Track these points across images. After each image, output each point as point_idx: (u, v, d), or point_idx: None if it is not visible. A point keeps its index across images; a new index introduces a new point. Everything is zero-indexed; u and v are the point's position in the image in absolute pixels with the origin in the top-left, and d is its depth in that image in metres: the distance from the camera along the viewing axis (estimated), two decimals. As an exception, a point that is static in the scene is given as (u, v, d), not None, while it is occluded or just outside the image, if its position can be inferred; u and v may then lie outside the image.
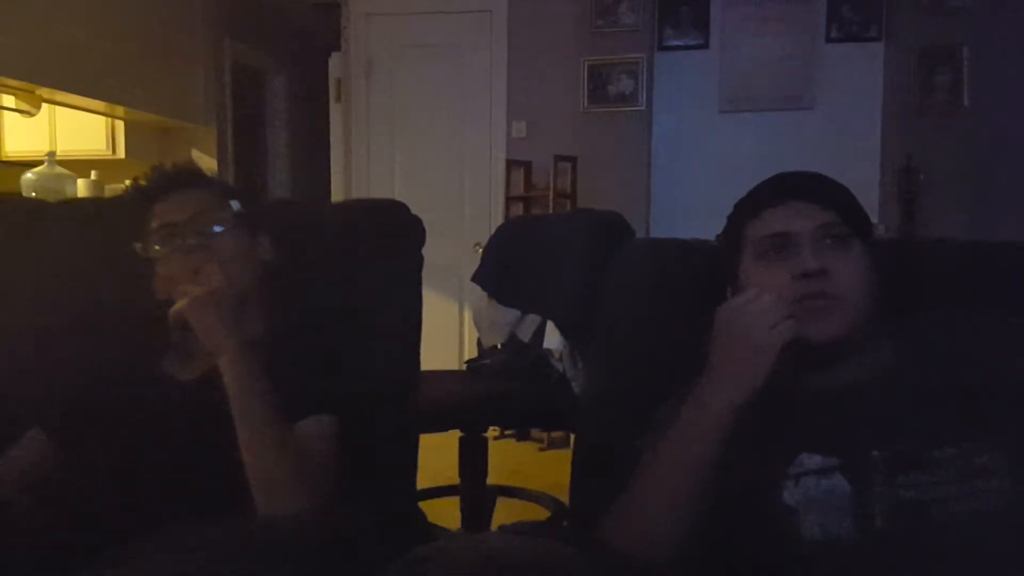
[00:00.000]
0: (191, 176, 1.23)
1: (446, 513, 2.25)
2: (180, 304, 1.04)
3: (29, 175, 3.73)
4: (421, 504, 1.41)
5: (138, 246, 1.15)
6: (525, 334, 2.43)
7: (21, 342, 1.32)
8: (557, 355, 2.32)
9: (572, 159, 4.17)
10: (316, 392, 1.11)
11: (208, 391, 1.07)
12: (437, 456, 1.80)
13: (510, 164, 4.30)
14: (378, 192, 4.49)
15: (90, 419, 1.12)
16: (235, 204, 1.18)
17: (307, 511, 0.98)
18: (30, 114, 3.75)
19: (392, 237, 1.37)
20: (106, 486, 1.05)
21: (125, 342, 1.22)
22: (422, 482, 1.39)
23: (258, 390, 1.02)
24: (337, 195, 4.62)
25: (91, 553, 0.80)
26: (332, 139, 4.69)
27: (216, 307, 1.04)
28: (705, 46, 4.34)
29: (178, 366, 1.16)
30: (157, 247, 1.14)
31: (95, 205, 1.73)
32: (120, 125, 4.28)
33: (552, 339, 2.32)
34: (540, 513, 2.61)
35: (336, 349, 1.19)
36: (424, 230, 1.39)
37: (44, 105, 3.83)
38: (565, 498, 1.29)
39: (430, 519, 1.38)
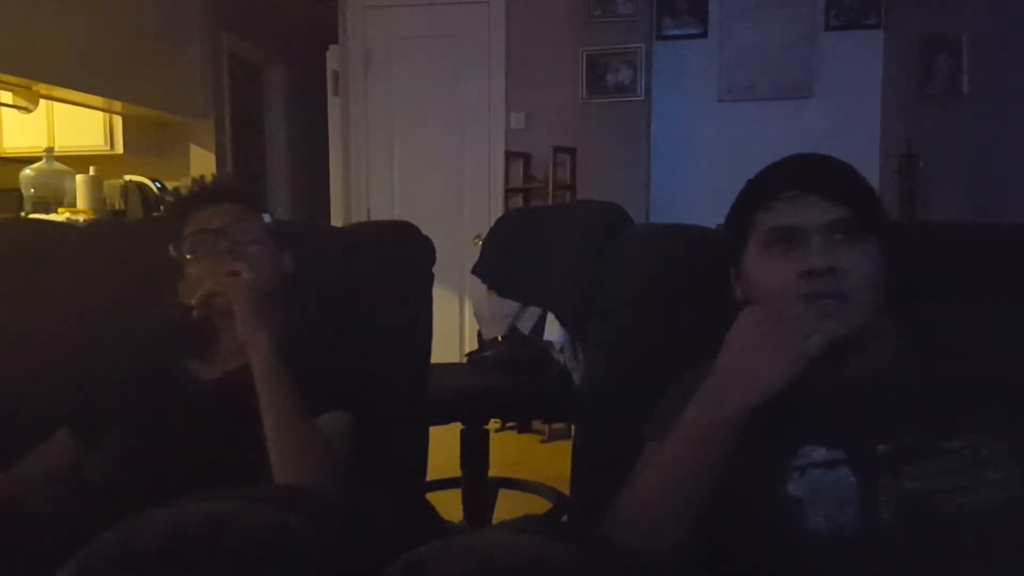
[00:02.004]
0: (228, 189, 1.31)
1: (448, 505, 2.25)
2: (208, 288, 1.13)
3: (28, 171, 3.72)
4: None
5: (171, 249, 1.22)
6: (526, 326, 2.43)
7: (50, 345, 1.39)
8: (558, 347, 2.32)
9: (571, 150, 4.17)
10: (331, 391, 1.16)
11: (229, 391, 1.14)
12: (439, 449, 1.79)
13: (509, 156, 4.30)
14: (376, 185, 4.49)
15: (115, 419, 1.17)
16: (267, 217, 1.29)
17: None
18: (28, 110, 3.74)
19: (403, 256, 1.44)
20: (130, 485, 1.08)
21: (150, 346, 1.29)
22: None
23: (284, 379, 1.08)
24: (336, 189, 4.62)
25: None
26: (330, 132, 4.68)
27: (250, 300, 1.11)
28: (704, 35, 4.34)
29: (202, 366, 1.24)
30: (189, 253, 1.21)
31: (120, 224, 1.78)
32: (118, 120, 4.27)
33: (553, 331, 2.32)
34: (542, 505, 2.62)
35: (349, 354, 1.25)
36: (434, 249, 1.46)
37: (42, 101, 3.82)
38: (566, 489, 1.30)
39: (432, 511, 1.39)
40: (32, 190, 3.72)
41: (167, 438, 1.12)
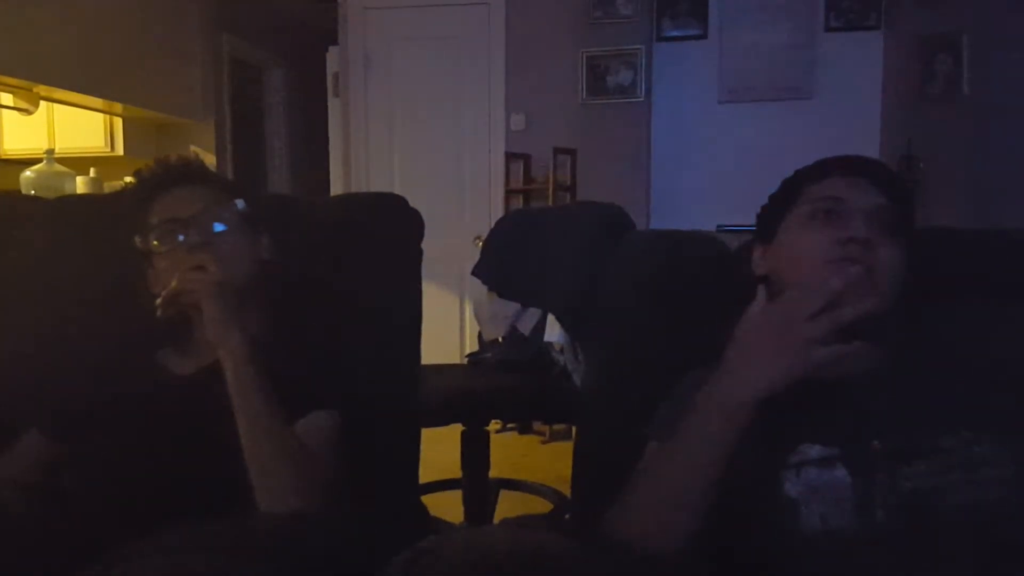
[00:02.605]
0: (195, 171, 1.21)
1: (449, 507, 2.25)
2: (173, 287, 1.04)
3: (28, 173, 3.73)
4: (424, 498, 1.41)
5: (137, 240, 1.13)
6: (526, 327, 2.43)
7: (16, 342, 1.31)
8: (558, 348, 2.32)
9: (571, 151, 4.17)
10: (316, 388, 1.10)
11: (205, 385, 1.06)
12: (439, 450, 1.80)
13: (509, 157, 4.30)
14: (377, 187, 4.48)
15: (87, 417, 1.11)
16: (240, 203, 1.17)
17: (308, 507, 0.98)
18: (28, 112, 3.75)
19: (390, 230, 1.36)
20: (104, 484, 1.04)
21: (120, 338, 1.21)
22: (424, 476, 1.39)
23: (259, 385, 1.01)
24: (336, 190, 4.62)
25: (90, 553, 0.79)
26: (331, 133, 4.68)
27: (219, 298, 1.04)
28: (704, 36, 4.34)
29: (175, 360, 1.17)
30: (156, 242, 1.12)
31: (88, 201, 1.71)
32: (118, 122, 4.28)
33: (553, 332, 2.32)
34: (542, 506, 2.62)
35: (335, 344, 1.18)
36: (423, 223, 1.39)
37: (42, 103, 3.83)
38: (567, 490, 1.30)
39: (433, 513, 1.38)
40: (33, 192, 3.73)
41: (140, 437, 1.07)
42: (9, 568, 0.87)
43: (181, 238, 1.10)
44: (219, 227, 1.12)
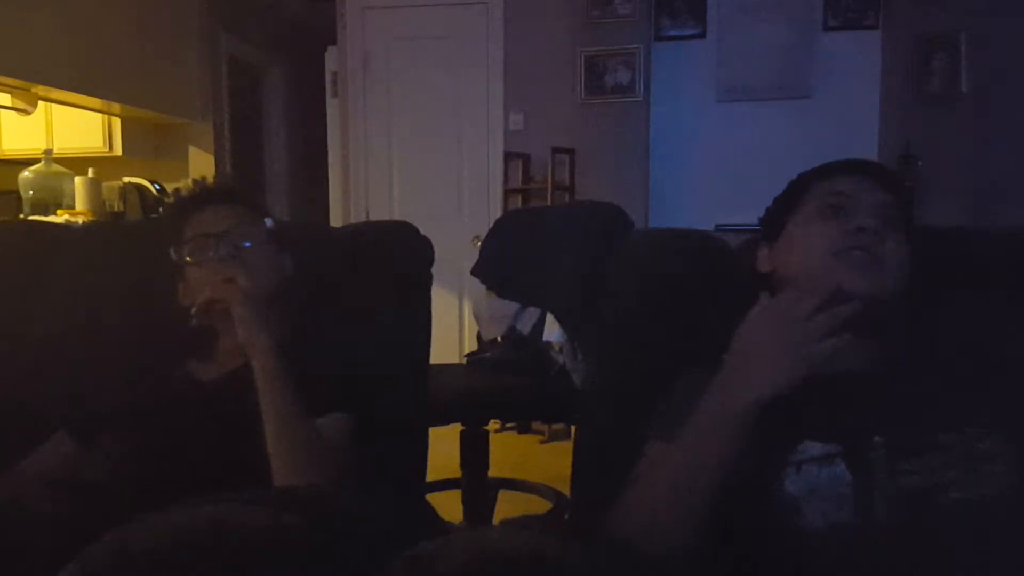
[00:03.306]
0: (229, 192, 1.31)
1: (448, 506, 2.25)
2: (206, 295, 1.14)
3: (26, 173, 3.72)
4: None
5: (171, 252, 1.23)
6: (525, 327, 2.43)
7: (48, 347, 1.39)
8: (557, 347, 2.32)
9: (570, 151, 4.17)
10: (331, 394, 1.17)
11: (230, 391, 1.14)
12: (439, 450, 1.79)
13: (508, 156, 4.30)
14: (375, 187, 4.49)
15: (113, 420, 1.17)
16: (268, 221, 1.28)
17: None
18: (27, 112, 3.74)
19: (402, 256, 1.45)
20: (129, 486, 1.09)
21: (147, 347, 1.30)
22: (425, 475, 1.41)
23: (285, 381, 1.09)
24: (335, 190, 4.62)
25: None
26: (329, 133, 4.68)
27: (249, 305, 1.12)
28: (702, 35, 4.34)
29: (201, 366, 1.25)
30: (189, 256, 1.21)
31: (117, 224, 1.75)
32: (116, 122, 4.27)
33: (552, 331, 2.33)
34: (542, 505, 2.62)
35: (348, 356, 1.25)
36: (433, 249, 1.47)
37: (40, 103, 3.82)
38: (566, 490, 1.30)
39: (432, 512, 1.40)
40: (31, 192, 3.72)
41: (165, 439, 1.13)
42: (35, 566, 0.88)
43: (212, 252, 1.19)
44: (247, 243, 1.22)
